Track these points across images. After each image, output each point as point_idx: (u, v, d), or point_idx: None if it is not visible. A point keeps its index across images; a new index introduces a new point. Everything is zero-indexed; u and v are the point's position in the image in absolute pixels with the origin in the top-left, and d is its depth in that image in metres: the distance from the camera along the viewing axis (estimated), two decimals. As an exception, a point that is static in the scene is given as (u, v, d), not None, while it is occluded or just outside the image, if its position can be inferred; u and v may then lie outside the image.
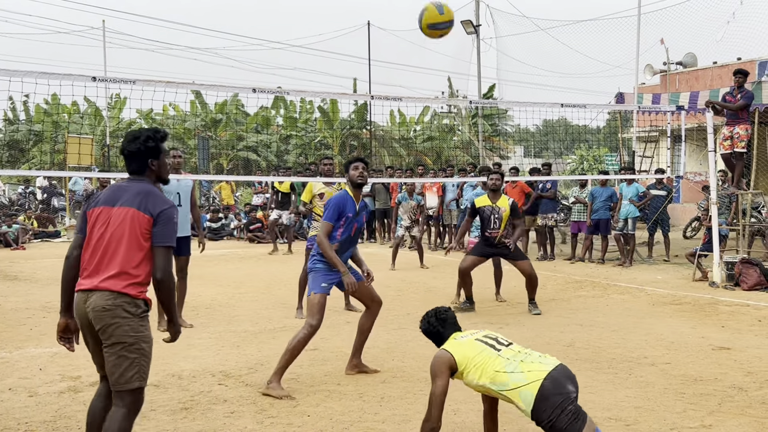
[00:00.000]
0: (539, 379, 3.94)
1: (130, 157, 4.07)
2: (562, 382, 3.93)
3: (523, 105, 12.23)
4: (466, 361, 4.22)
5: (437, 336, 4.58)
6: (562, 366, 4.07)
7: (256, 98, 12.16)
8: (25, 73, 7.33)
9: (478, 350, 4.24)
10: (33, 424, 5.15)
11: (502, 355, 4.15)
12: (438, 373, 4.28)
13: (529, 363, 4.07)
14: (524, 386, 3.95)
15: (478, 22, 20.97)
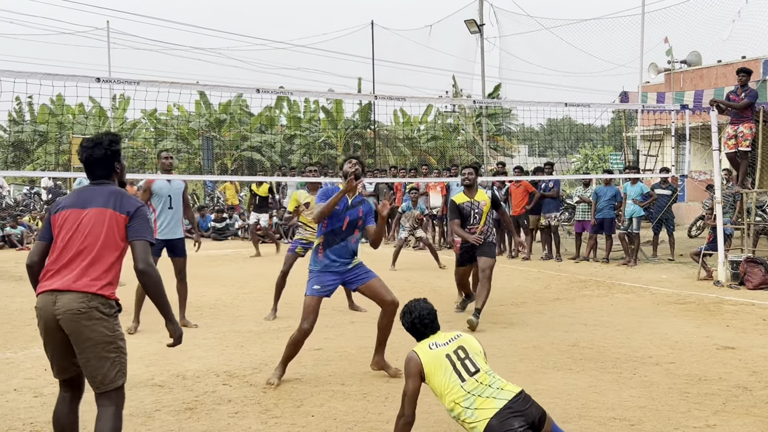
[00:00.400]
0: (486, 418, 3.98)
1: (96, 163, 4.06)
2: (508, 421, 3.93)
3: (528, 104, 12.22)
4: (432, 375, 4.28)
5: (416, 333, 4.60)
6: (518, 398, 4.06)
7: (260, 98, 12.15)
8: (29, 74, 7.35)
9: (443, 370, 4.25)
10: (38, 425, 5.17)
11: (464, 387, 4.15)
12: (410, 374, 4.36)
13: (483, 398, 4.08)
14: (474, 423, 4.01)
15: (482, 22, 20.95)
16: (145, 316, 9.23)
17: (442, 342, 4.42)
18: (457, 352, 4.33)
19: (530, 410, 4.02)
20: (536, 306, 9.91)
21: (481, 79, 20.10)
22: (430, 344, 4.42)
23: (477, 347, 4.42)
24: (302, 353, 7.19)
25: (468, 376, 4.20)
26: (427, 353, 4.36)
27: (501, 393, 4.09)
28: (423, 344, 4.46)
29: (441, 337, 4.48)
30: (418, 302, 4.65)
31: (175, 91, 8.53)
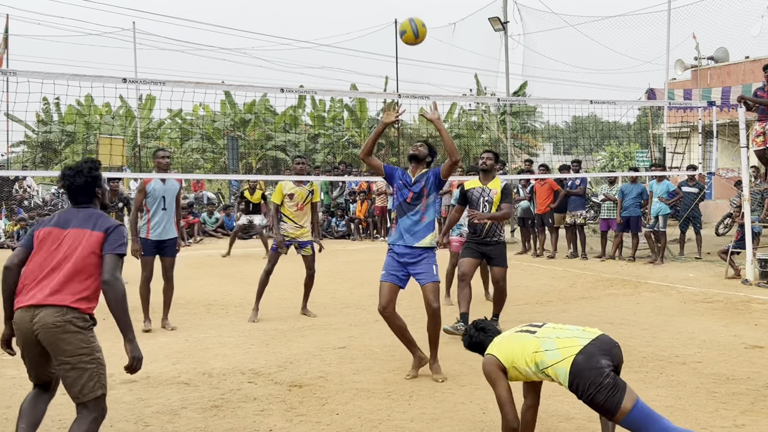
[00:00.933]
0: (572, 354, 3.93)
1: (78, 189, 4.25)
2: (595, 357, 3.89)
3: (552, 102, 12.16)
4: (509, 355, 4.21)
5: (480, 346, 4.55)
6: (601, 339, 4.03)
7: (284, 98, 12.17)
8: (57, 75, 7.45)
9: (516, 340, 4.25)
10: (65, 421, 5.23)
11: (539, 336, 4.15)
12: (493, 377, 4.28)
13: (564, 339, 4.05)
14: (559, 362, 3.96)
15: (506, 19, 20.88)
16: (171, 314, 9.32)
17: (510, 332, 4.44)
18: (523, 326, 4.40)
19: (615, 351, 4.00)
20: (561, 305, 9.86)
21: (505, 76, 20.03)
22: (496, 339, 4.43)
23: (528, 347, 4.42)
24: (326, 351, 7.24)
25: (537, 329, 4.25)
26: (496, 346, 4.35)
27: (583, 333, 4.07)
28: (491, 344, 4.44)
29: (505, 332, 4.51)
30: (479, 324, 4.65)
31: (200, 91, 8.59)
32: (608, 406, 3.83)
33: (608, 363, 3.89)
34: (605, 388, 3.82)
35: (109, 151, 22.91)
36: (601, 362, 3.88)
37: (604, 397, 3.82)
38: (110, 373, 6.40)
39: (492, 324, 4.65)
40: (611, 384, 3.83)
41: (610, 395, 3.81)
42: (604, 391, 3.82)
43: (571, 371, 3.91)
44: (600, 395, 3.82)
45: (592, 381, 3.84)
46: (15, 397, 5.80)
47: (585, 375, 3.86)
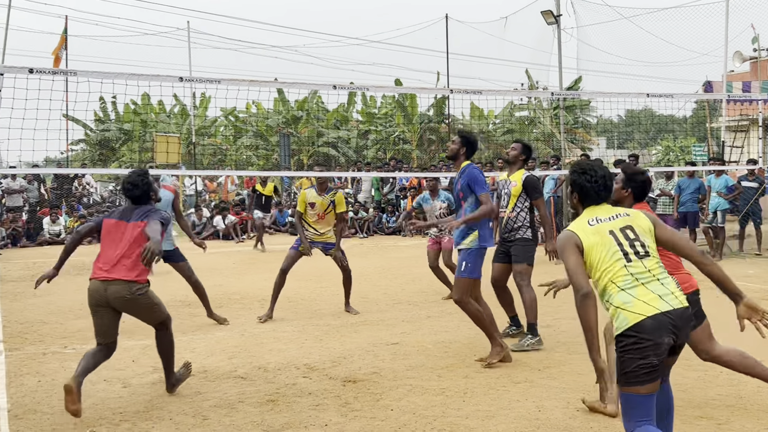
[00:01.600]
0: (643, 314, 3.55)
1: (137, 199, 5.74)
2: (661, 331, 3.53)
3: (607, 95, 11.99)
4: (590, 250, 3.79)
5: (586, 197, 4.00)
6: (679, 312, 3.62)
7: (336, 95, 12.25)
8: (116, 75, 7.61)
9: (605, 247, 3.76)
10: (127, 414, 5.36)
11: (629, 269, 3.70)
12: (566, 251, 3.83)
13: (647, 290, 3.63)
14: (625, 311, 3.59)
15: (559, 12, 20.60)
16: (226, 309, 9.46)
17: (604, 217, 3.90)
18: (624, 230, 3.83)
19: (685, 332, 3.66)
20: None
21: (558, 70, 19.77)
22: (589, 220, 3.90)
23: (647, 226, 3.89)
24: (379, 347, 7.27)
25: (635, 258, 3.73)
26: (585, 229, 3.86)
27: (669, 297, 3.64)
28: (580, 220, 3.94)
29: (604, 211, 3.95)
30: (593, 162, 4.13)
31: (254, 89, 8.71)
32: (621, 376, 3.58)
33: (670, 342, 3.55)
34: (645, 366, 3.51)
35: (166, 149, 23.34)
36: (663, 339, 3.53)
37: (638, 374, 3.52)
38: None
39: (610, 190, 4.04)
40: (653, 366, 3.52)
41: (643, 374, 3.51)
42: (641, 367, 3.51)
43: (631, 328, 3.55)
44: (635, 369, 3.52)
45: (640, 349, 3.51)
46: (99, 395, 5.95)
47: (639, 340, 3.52)
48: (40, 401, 5.68)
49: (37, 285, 5.85)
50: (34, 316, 9.13)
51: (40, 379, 6.30)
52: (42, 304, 10.03)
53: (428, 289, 10.90)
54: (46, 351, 7.31)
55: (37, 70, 7.14)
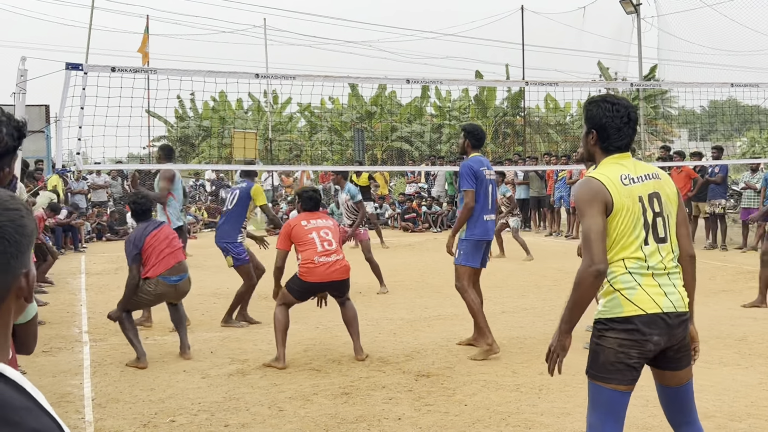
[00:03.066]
0: (642, 310, 3.12)
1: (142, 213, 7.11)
2: (653, 330, 3.11)
3: (689, 86, 11.62)
4: (615, 218, 3.18)
5: (606, 138, 3.34)
6: (682, 318, 3.19)
7: (410, 89, 12.24)
8: (194, 72, 7.77)
9: (630, 214, 3.19)
10: (205, 404, 5.48)
11: (644, 251, 3.18)
12: (592, 207, 3.16)
13: (654, 283, 3.17)
14: (623, 297, 3.14)
15: (639, 1, 20.10)
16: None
17: (635, 175, 3.27)
18: (652, 198, 3.25)
19: (677, 335, 3.18)
20: (700, 298, 9.31)
21: (637, 60, 19.29)
22: (622, 175, 3.24)
23: (674, 194, 3.36)
24: (453, 342, 7.23)
25: (653, 241, 3.21)
26: (617, 185, 3.19)
27: (675, 297, 3.18)
28: (609, 170, 3.27)
29: (633, 167, 3.32)
30: (619, 97, 3.48)
31: (328, 84, 8.76)
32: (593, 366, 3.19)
33: (658, 342, 3.13)
34: (623, 362, 3.12)
35: (243, 145, 23.76)
36: (653, 338, 3.11)
37: (614, 367, 3.13)
38: (246, 358, 6.69)
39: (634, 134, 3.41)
40: (633, 365, 3.14)
41: (618, 370, 3.13)
42: (620, 361, 3.12)
43: (621, 318, 3.13)
44: (612, 362, 3.13)
45: (625, 344, 3.12)
46: (158, 380, 6.12)
47: (627, 333, 3.12)
48: (123, 391, 5.85)
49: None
50: (118, 307, 9.41)
51: (123, 369, 6.50)
52: (125, 296, 10.34)
53: (503, 285, 10.79)
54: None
55: (119, 69, 7.36)
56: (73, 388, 5.93)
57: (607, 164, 3.31)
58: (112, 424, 5.08)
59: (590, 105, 3.38)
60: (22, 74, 6.87)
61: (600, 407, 3.20)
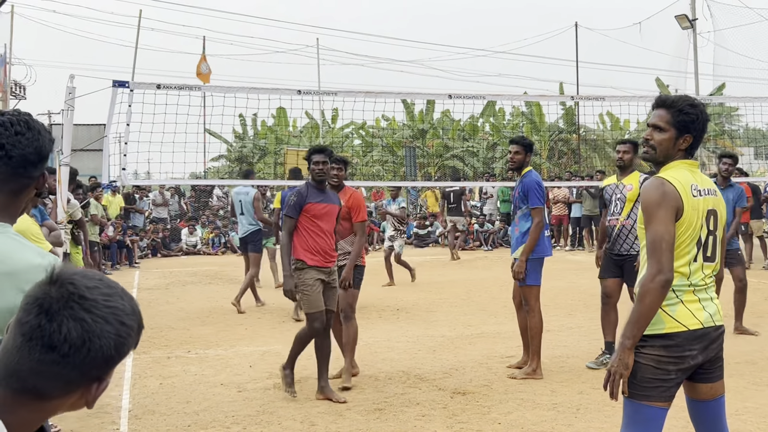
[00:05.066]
0: (682, 326, 3.05)
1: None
2: (693, 345, 3.06)
3: (749, 101, 11.30)
4: (681, 227, 3.08)
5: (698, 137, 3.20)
6: (719, 331, 3.15)
7: (461, 104, 12.18)
8: (237, 89, 7.88)
9: (693, 233, 3.10)
10: (238, 417, 5.49)
11: (690, 267, 3.11)
12: (662, 209, 3.05)
13: (695, 299, 3.11)
14: (665, 313, 3.07)
15: (695, 16, 19.71)
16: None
17: (702, 187, 3.16)
18: (709, 215, 3.16)
19: (712, 349, 3.14)
20: (753, 318, 9.08)
21: (694, 76, 18.87)
22: (693, 185, 3.12)
23: (725, 213, 3.29)
24: (493, 360, 7.12)
25: (702, 259, 3.14)
26: (687, 194, 3.08)
27: (713, 309, 3.14)
28: (683, 176, 3.14)
29: (700, 179, 3.20)
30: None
31: (370, 99, 8.77)
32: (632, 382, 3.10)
33: (696, 357, 3.07)
34: (660, 378, 3.06)
35: (296, 162, 23.97)
36: (692, 353, 3.06)
37: (649, 383, 3.05)
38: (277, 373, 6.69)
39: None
40: (671, 381, 3.07)
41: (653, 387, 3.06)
42: (656, 378, 3.06)
43: (663, 334, 3.06)
44: (649, 377, 3.06)
45: (663, 360, 3.05)
46: (195, 393, 6.16)
47: (665, 349, 3.06)
48: (159, 403, 5.91)
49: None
50: (164, 322, 9.56)
51: (162, 381, 6.57)
52: (173, 310, 10.50)
53: (549, 303, 10.59)
54: (171, 355, 7.62)
55: (164, 86, 7.51)
56: (112, 399, 6.01)
57: (679, 168, 3.17)
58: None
59: (694, 109, 3.20)
60: (70, 92, 7.06)
61: (636, 425, 3.12)
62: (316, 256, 5.91)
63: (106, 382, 1.28)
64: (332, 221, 6.04)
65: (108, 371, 1.27)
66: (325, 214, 5.97)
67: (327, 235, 5.98)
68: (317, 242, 5.92)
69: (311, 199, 5.95)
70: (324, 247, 5.95)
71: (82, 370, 1.22)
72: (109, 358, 1.23)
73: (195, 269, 16.13)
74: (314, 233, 5.91)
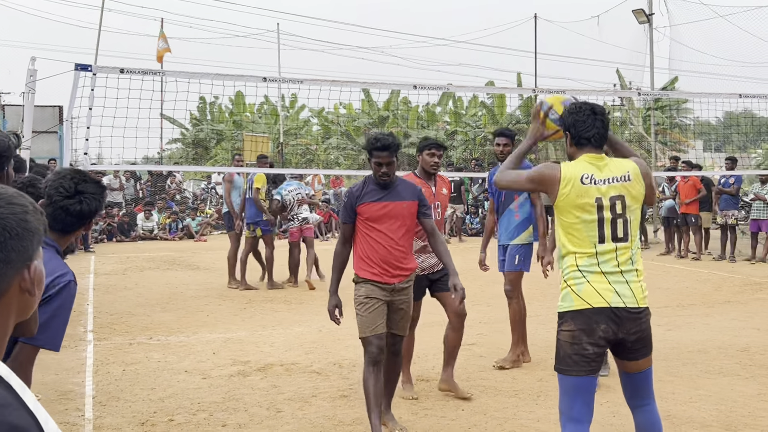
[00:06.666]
0: (587, 304, 3.36)
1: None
2: (599, 319, 3.34)
3: (698, 96, 11.59)
4: (565, 208, 3.47)
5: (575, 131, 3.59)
6: (635, 313, 3.40)
7: (416, 94, 12.26)
8: (202, 75, 7.84)
9: (582, 213, 3.45)
10: (204, 404, 5.51)
11: (597, 248, 3.42)
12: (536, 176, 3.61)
13: (603, 280, 3.39)
14: (573, 293, 3.40)
15: (651, 11, 20.04)
16: (306, 305, 9.62)
17: (600, 178, 3.48)
18: (614, 201, 3.45)
19: (629, 329, 3.40)
20: (704, 308, 9.38)
21: (650, 70, 19.26)
22: (584, 176, 3.47)
23: (640, 196, 3.54)
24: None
25: (610, 241, 3.43)
26: (575, 183, 3.46)
27: (626, 297, 3.38)
28: (575, 167, 3.51)
29: (601, 170, 3.51)
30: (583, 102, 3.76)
31: (335, 89, 8.80)
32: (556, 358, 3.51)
33: (607, 330, 3.35)
34: (579, 352, 3.38)
35: (254, 148, 23.84)
36: (600, 326, 3.34)
37: (571, 360, 3.40)
38: (247, 360, 6.73)
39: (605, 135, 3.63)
40: (590, 356, 3.38)
41: (576, 363, 3.39)
42: (576, 354, 3.38)
43: (572, 311, 3.40)
44: (563, 349, 3.44)
45: (574, 336, 3.39)
46: (159, 380, 6.17)
47: (577, 325, 3.38)
48: (124, 389, 5.90)
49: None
50: (123, 308, 9.49)
51: (125, 368, 6.55)
52: (131, 296, 10.42)
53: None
54: (132, 341, 7.59)
55: (128, 70, 7.43)
56: (75, 385, 5.99)
57: (579, 161, 3.56)
58: (111, 422, 5.13)
59: (565, 112, 3.68)
60: (31, 74, 6.96)
61: (566, 393, 3.48)
62: (374, 268, 4.69)
63: (36, 264, 1.33)
64: (400, 223, 4.72)
65: (27, 252, 1.31)
66: (384, 215, 4.68)
67: (392, 242, 4.69)
68: (376, 251, 4.68)
69: (366, 198, 4.71)
70: (386, 258, 4.68)
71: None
72: (17, 236, 1.28)
73: (152, 254, 15.99)
74: (373, 240, 4.69)
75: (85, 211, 2.77)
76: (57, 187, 2.73)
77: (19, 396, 1.17)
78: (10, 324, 1.32)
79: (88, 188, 2.78)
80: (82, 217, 2.77)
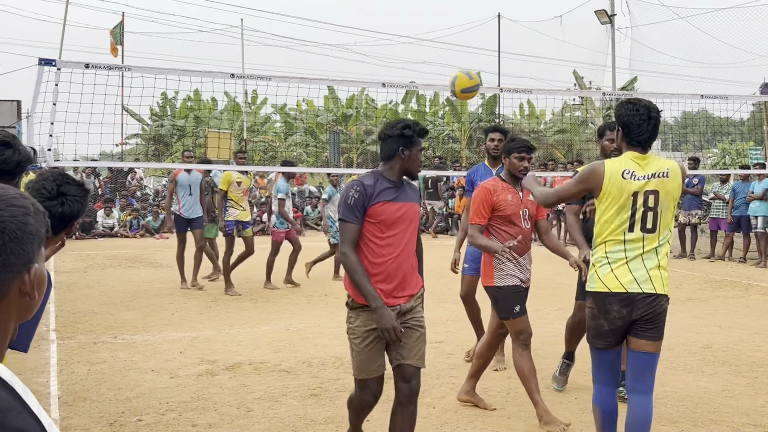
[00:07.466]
0: (607, 288, 3.79)
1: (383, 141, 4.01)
2: (610, 304, 3.79)
3: (659, 96, 11.77)
4: (603, 200, 3.82)
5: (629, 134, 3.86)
6: (648, 299, 3.76)
7: (386, 92, 12.29)
8: (169, 70, 7.75)
9: (619, 206, 3.79)
10: (173, 404, 5.46)
11: (625, 237, 3.78)
12: (581, 181, 3.99)
13: (626, 268, 3.77)
14: (597, 276, 3.84)
15: (613, 12, 20.33)
16: (273, 303, 9.58)
17: (640, 174, 3.78)
18: (647, 195, 3.76)
19: (642, 311, 3.77)
20: (670, 307, 9.53)
21: (611, 71, 19.52)
22: (625, 171, 3.78)
23: (675, 193, 3.86)
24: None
25: (639, 230, 3.77)
26: (616, 178, 3.78)
27: (643, 283, 3.75)
28: (618, 164, 3.83)
29: (642, 167, 3.81)
30: (641, 99, 3.98)
31: (304, 86, 8.77)
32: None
33: (620, 311, 3.79)
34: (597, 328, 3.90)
35: (217, 145, 23.64)
36: (613, 307, 3.79)
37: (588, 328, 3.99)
38: (215, 359, 6.67)
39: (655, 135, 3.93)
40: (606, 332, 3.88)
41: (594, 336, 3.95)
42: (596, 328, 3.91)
43: (595, 293, 3.87)
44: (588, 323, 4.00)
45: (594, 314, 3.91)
46: (126, 379, 6.09)
47: (597, 308, 3.89)
48: (90, 389, 5.81)
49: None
50: (86, 306, 9.35)
51: (90, 368, 6.45)
52: (94, 294, 10.26)
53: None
54: (97, 341, 7.48)
55: (93, 65, 7.31)
56: (39, 386, 5.88)
57: (623, 158, 3.86)
58: (78, 423, 5.05)
59: (618, 107, 3.95)
60: (-7, 69, 6.80)
61: (593, 361, 4.01)
62: (382, 284, 3.89)
63: (36, 267, 1.31)
64: (413, 229, 4.01)
65: (27, 255, 1.29)
66: (399, 218, 3.92)
67: (404, 252, 3.95)
68: (383, 265, 3.90)
69: (383, 196, 3.88)
70: (395, 272, 3.92)
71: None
72: (16, 239, 1.27)
73: (113, 252, 15.76)
74: (381, 249, 3.90)
75: (67, 213, 2.72)
76: (39, 189, 2.68)
77: (23, 400, 1.16)
78: (10, 327, 1.30)
79: (70, 190, 2.73)
80: (64, 219, 2.72)
